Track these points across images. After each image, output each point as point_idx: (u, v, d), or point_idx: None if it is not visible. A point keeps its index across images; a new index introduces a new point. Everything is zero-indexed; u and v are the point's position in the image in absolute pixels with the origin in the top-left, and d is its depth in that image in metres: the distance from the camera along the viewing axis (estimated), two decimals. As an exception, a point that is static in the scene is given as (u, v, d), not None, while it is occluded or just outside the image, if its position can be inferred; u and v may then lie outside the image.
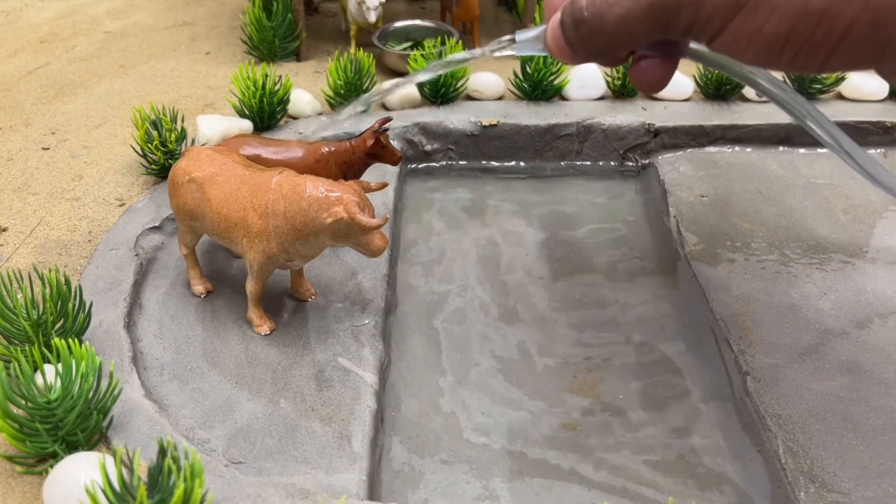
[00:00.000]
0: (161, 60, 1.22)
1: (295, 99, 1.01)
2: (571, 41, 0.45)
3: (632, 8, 0.41)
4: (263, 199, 0.64)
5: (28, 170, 0.92)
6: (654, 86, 0.48)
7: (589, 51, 0.45)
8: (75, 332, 0.64)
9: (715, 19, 0.40)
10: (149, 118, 0.87)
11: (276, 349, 0.70)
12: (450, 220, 0.95)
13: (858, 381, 0.68)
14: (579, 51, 0.45)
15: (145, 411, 0.60)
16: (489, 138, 1.03)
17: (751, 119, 1.03)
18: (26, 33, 1.32)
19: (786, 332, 0.73)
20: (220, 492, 0.54)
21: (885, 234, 0.88)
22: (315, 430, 0.62)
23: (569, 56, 0.46)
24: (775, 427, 0.63)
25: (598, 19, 0.43)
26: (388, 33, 1.21)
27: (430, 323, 0.80)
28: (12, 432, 0.54)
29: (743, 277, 0.81)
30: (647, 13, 0.41)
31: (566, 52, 0.46)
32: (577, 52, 0.46)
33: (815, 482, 0.59)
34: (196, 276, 0.75)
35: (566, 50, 0.46)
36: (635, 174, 1.04)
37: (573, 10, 0.44)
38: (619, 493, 0.63)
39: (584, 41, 0.44)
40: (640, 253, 0.90)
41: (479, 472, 0.65)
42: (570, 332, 0.79)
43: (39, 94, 1.11)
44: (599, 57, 0.46)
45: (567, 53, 0.46)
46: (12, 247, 0.79)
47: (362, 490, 0.58)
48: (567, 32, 0.45)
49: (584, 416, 0.70)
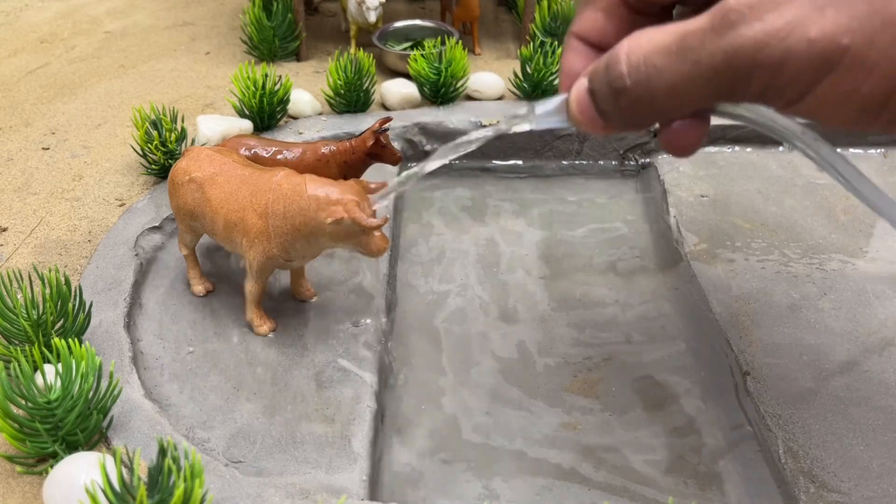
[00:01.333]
0: (161, 60, 1.22)
1: (295, 99, 1.01)
2: (606, 112, 0.39)
3: (689, 74, 0.34)
4: (263, 199, 0.64)
5: (28, 170, 0.92)
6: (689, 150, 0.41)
7: (627, 121, 0.39)
8: (75, 332, 0.64)
9: (798, 83, 0.33)
10: (149, 118, 0.87)
11: (276, 349, 0.70)
12: (450, 219, 0.95)
13: (858, 381, 0.68)
14: (614, 121, 0.39)
15: (145, 411, 0.60)
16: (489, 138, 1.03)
17: (751, 119, 1.03)
18: (26, 33, 1.32)
19: (786, 332, 0.73)
20: (220, 492, 0.54)
21: (885, 234, 0.88)
22: (315, 430, 0.62)
23: (601, 127, 0.40)
24: (775, 427, 0.63)
25: (645, 88, 0.36)
26: (388, 33, 1.21)
27: (430, 323, 0.80)
28: (12, 432, 0.54)
29: (743, 277, 0.81)
30: (709, 80, 0.34)
31: (597, 122, 0.40)
32: (611, 124, 0.39)
33: (815, 482, 0.59)
34: (196, 276, 0.75)
35: (597, 121, 0.40)
36: (635, 174, 1.04)
37: (610, 78, 0.37)
38: (620, 492, 0.63)
39: (625, 112, 0.38)
40: (640, 252, 0.90)
41: (479, 471, 0.65)
42: (570, 332, 0.79)
43: (39, 94, 1.11)
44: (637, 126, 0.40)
45: (599, 124, 0.40)
46: (12, 247, 0.79)
47: (362, 490, 0.58)
48: (601, 103, 0.38)
49: (585, 415, 0.70)
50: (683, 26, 0.34)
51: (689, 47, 0.34)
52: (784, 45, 0.32)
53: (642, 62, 0.35)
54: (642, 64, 0.35)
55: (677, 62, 0.34)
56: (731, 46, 0.33)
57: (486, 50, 1.24)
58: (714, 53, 0.33)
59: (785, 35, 0.32)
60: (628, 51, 0.36)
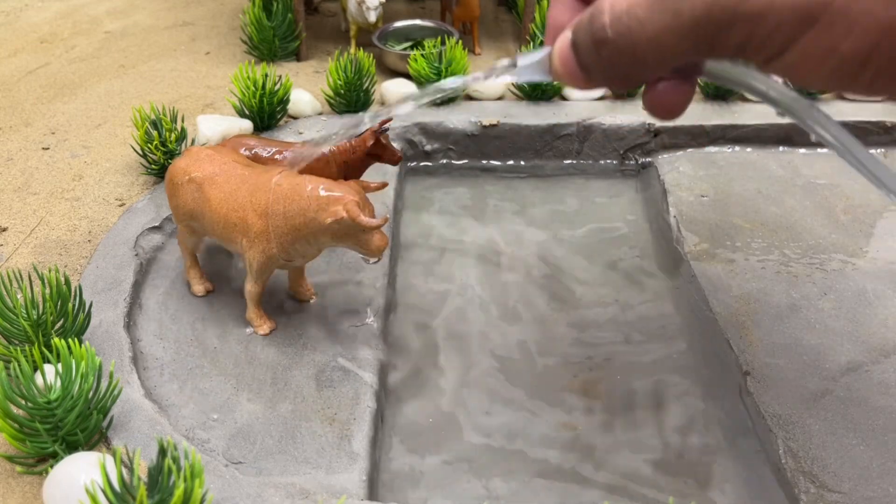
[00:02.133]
0: (161, 60, 1.22)
1: (295, 99, 1.01)
2: (588, 65, 0.39)
3: (670, 25, 0.34)
4: (263, 199, 0.64)
5: (28, 170, 0.92)
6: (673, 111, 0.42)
7: (608, 75, 0.39)
8: (75, 332, 0.64)
9: (778, 36, 0.33)
10: (149, 118, 0.87)
11: (276, 349, 0.70)
12: (450, 219, 0.95)
13: (858, 381, 0.68)
14: (596, 75, 0.39)
15: (145, 411, 0.60)
16: (489, 138, 1.03)
17: (751, 119, 1.03)
18: (26, 33, 1.32)
19: (786, 332, 0.73)
20: (220, 492, 0.54)
21: (885, 234, 0.88)
22: (315, 430, 0.62)
23: (582, 81, 0.40)
24: (775, 427, 0.63)
25: (626, 39, 0.36)
26: (388, 33, 1.21)
27: (430, 322, 0.80)
28: (12, 432, 0.54)
29: (743, 277, 0.81)
30: (690, 31, 0.34)
31: (578, 76, 0.40)
32: (592, 77, 0.39)
33: (815, 482, 0.59)
34: (196, 276, 0.75)
35: (579, 74, 0.40)
36: (635, 173, 1.04)
37: (592, 28, 0.37)
38: (620, 492, 0.63)
39: (606, 64, 0.38)
40: (641, 252, 0.90)
41: (480, 471, 0.65)
42: (571, 332, 0.79)
43: (39, 94, 1.11)
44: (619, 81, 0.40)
45: (580, 78, 0.40)
46: (12, 247, 0.79)
47: (362, 490, 0.58)
48: (583, 55, 0.38)
49: (585, 415, 0.70)
50: None
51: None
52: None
53: (624, 13, 0.36)
54: (624, 14, 0.36)
55: (658, 13, 0.35)
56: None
57: (486, 50, 1.24)
58: (695, 4, 0.33)
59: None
60: (612, 2, 0.36)
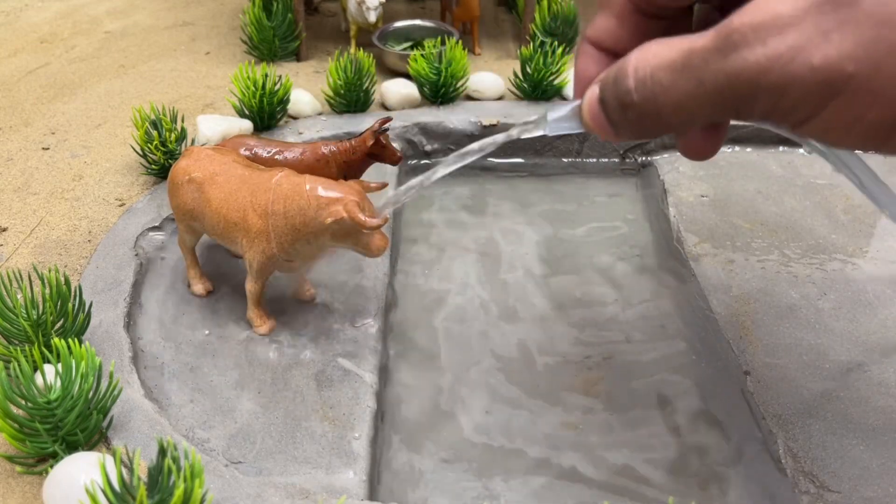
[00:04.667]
0: (161, 60, 1.22)
1: (295, 99, 1.01)
2: (616, 122, 0.39)
3: (693, 93, 0.34)
4: (263, 199, 0.64)
5: (28, 170, 0.92)
6: (707, 155, 0.42)
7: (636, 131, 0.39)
8: (75, 332, 0.64)
9: (802, 107, 0.33)
10: (149, 118, 0.87)
11: (276, 349, 0.70)
12: (450, 218, 0.95)
13: (858, 381, 0.68)
14: (625, 132, 0.40)
15: (145, 411, 0.60)
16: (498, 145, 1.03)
17: (751, 119, 1.03)
18: (26, 33, 1.32)
19: (786, 332, 0.73)
20: (220, 492, 0.54)
21: (885, 234, 0.88)
22: (315, 430, 0.62)
23: (612, 135, 0.41)
24: (775, 427, 0.63)
25: (651, 104, 0.36)
26: (388, 33, 1.21)
27: (430, 322, 0.80)
28: (12, 432, 0.54)
29: (743, 277, 0.81)
30: (713, 99, 0.34)
31: (609, 131, 0.41)
32: (621, 133, 0.40)
33: (815, 482, 0.59)
34: (196, 276, 0.75)
35: (609, 130, 0.40)
36: (635, 173, 1.04)
37: (618, 92, 0.38)
38: (620, 492, 0.63)
39: (633, 123, 0.38)
40: (641, 251, 0.90)
41: (480, 471, 0.65)
42: (571, 331, 0.79)
43: (39, 94, 1.11)
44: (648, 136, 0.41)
45: (611, 133, 0.41)
46: (12, 247, 0.79)
47: (362, 490, 0.58)
48: (611, 114, 0.39)
49: (585, 414, 0.70)
50: (689, 42, 0.34)
51: (694, 66, 0.34)
52: (786, 71, 0.31)
53: (649, 78, 0.36)
54: (648, 79, 0.36)
55: (682, 80, 0.34)
56: (734, 69, 0.32)
57: (486, 50, 1.24)
58: (717, 74, 0.33)
59: (787, 60, 0.31)
60: (636, 65, 0.36)
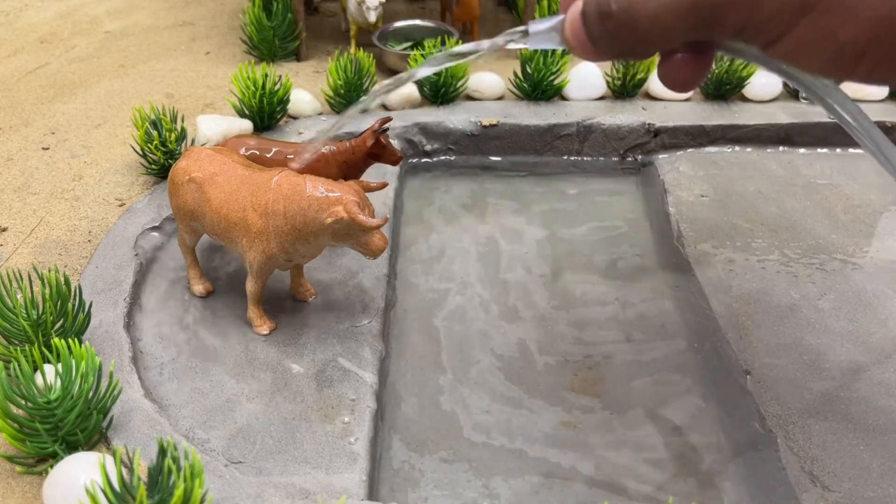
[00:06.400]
0: (161, 60, 1.22)
1: (295, 99, 1.01)
2: (595, 36, 0.39)
3: (670, 4, 0.35)
4: (263, 198, 0.64)
5: (28, 170, 0.92)
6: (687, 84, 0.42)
7: (614, 48, 0.40)
8: (75, 332, 0.64)
9: (775, 23, 0.34)
10: (149, 118, 0.87)
11: (276, 349, 0.70)
12: (450, 218, 0.95)
13: (858, 381, 0.68)
14: (603, 47, 0.40)
15: (145, 411, 0.60)
16: (489, 138, 1.03)
17: (751, 119, 1.03)
18: (26, 33, 1.32)
19: (786, 332, 0.73)
20: (220, 492, 0.54)
21: (885, 234, 0.88)
22: (315, 430, 0.62)
23: (590, 52, 0.40)
24: (775, 427, 0.63)
25: (628, 14, 0.37)
26: (388, 33, 1.21)
27: (430, 321, 0.80)
28: (12, 432, 0.54)
29: (743, 277, 0.81)
30: (689, 11, 0.35)
31: (587, 47, 0.40)
32: (600, 49, 0.40)
33: (816, 482, 0.59)
34: (196, 276, 0.75)
35: (588, 45, 0.40)
36: (635, 172, 1.04)
37: (599, 1, 0.38)
38: (620, 491, 0.63)
39: (611, 37, 0.39)
40: (641, 251, 0.90)
41: (480, 470, 0.65)
42: (571, 330, 0.79)
43: (39, 94, 1.11)
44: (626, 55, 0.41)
45: (589, 49, 0.40)
46: (12, 247, 0.79)
47: (362, 490, 0.58)
48: (591, 26, 0.39)
49: (585, 414, 0.70)
50: None
51: None
52: None
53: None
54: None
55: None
56: None
57: (486, 50, 1.24)
58: None
59: None
60: None
